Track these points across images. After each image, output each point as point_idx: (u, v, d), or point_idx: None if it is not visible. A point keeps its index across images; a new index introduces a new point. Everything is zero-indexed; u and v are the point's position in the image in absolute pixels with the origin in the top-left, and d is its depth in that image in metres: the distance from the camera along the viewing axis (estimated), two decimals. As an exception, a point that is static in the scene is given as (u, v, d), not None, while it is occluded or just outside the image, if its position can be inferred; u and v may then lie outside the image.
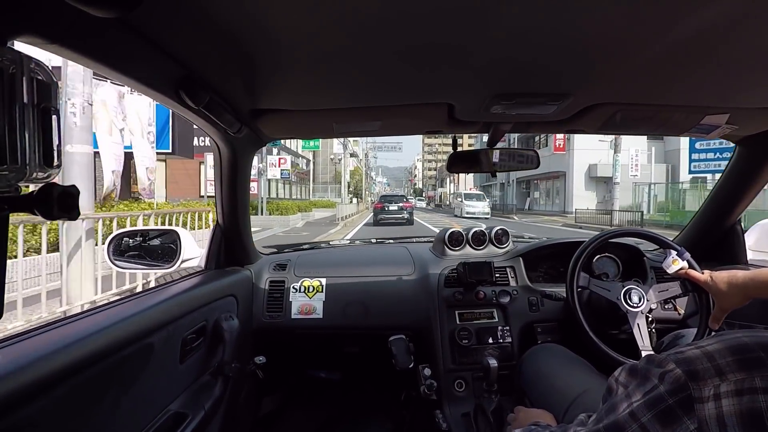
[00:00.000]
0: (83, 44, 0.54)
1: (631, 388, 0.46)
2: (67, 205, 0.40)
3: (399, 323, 1.49)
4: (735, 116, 1.06)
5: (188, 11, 0.57)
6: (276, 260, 1.63)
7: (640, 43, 0.68)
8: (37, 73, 0.40)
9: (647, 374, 0.45)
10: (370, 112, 1.09)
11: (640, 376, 0.46)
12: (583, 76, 0.84)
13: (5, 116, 0.36)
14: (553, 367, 1.13)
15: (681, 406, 0.40)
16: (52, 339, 0.66)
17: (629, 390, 0.46)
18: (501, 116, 1.08)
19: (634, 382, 0.46)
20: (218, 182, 1.26)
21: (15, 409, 0.54)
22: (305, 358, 1.86)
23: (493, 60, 0.76)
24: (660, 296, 1.23)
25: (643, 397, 0.44)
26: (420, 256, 1.66)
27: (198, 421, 0.97)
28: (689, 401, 0.40)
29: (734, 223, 1.45)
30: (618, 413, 0.46)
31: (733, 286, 0.98)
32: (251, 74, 0.82)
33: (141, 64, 0.67)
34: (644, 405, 0.43)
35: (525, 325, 1.46)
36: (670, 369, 0.43)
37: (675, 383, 0.41)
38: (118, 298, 0.94)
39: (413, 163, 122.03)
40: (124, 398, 0.77)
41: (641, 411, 0.43)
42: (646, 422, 0.42)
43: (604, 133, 1.32)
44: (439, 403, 1.36)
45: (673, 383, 0.42)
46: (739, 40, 0.66)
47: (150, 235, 1.42)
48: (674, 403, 0.41)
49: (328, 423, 1.79)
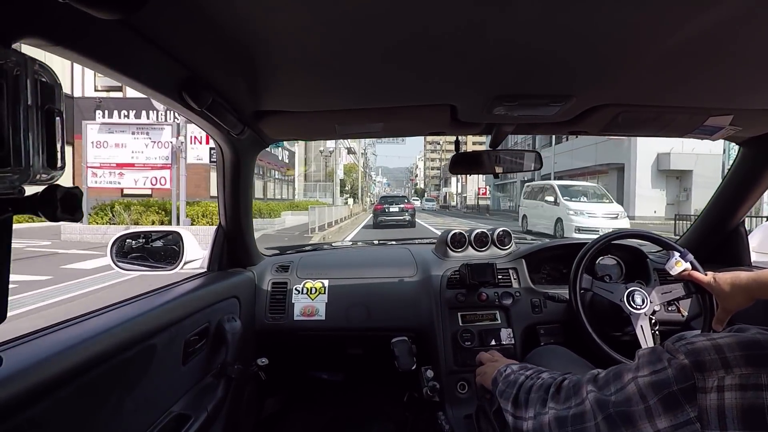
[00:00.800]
0: (87, 46, 0.55)
1: (641, 361, 0.50)
2: (70, 206, 0.41)
3: (401, 325, 1.49)
4: (739, 118, 1.06)
5: (191, 13, 0.57)
6: (278, 262, 1.63)
7: (644, 45, 0.68)
8: (41, 75, 0.40)
9: (660, 356, 0.48)
10: (372, 114, 1.09)
11: (655, 354, 0.49)
12: (586, 78, 0.84)
13: (9, 118, 0.37)
14: (556, 369, 1.12)
15: (684, 393, 0.43)
16: (56, 341, 0.67)
17: (639, 362, 0.50)
18: (503, 117, 1.08)
19: (646, 358, 0.50)
20: (221, 184, 1.27)
21: (19, 411, 0.54)
22: (308, 360, 1.85)
23: (495, 61, 0.76)
24: (663, 298, 1.22)
25: (650, 375, 0.47)
26: (422, 257, 1.66)
27: (200, 422, 0.97)
28: (692, 390, 0.42)
29: (738, 225, 1.44)
30: (623, 382, 0.50)
31: (737, 287, 0.98)
32: (254, 76, 0.82)
33: (144, 65, 0.68)
34: (650, 385, 0.46)
35: (528, 326, 1.45)
36: (679, 357, 0.45)
37: (681, 371, 0.44)
38: (121, 299, 0.94)
39: (414, 163, 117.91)
40: (127, 400, 0.78)
41: (649, 392, 0.46)
42: (652, 405, 0.45)
43: (607, 134, 1.31)
44: (441, 405, 1.36)
45: (680, 370, 0.44)
46: (743, 41, 0.66)
47: (153, 236, 1.43)
48: (678, 390, 0.43)
49: (331, 424, 1.79)
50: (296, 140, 1.72)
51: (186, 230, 1.37)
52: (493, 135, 1.26)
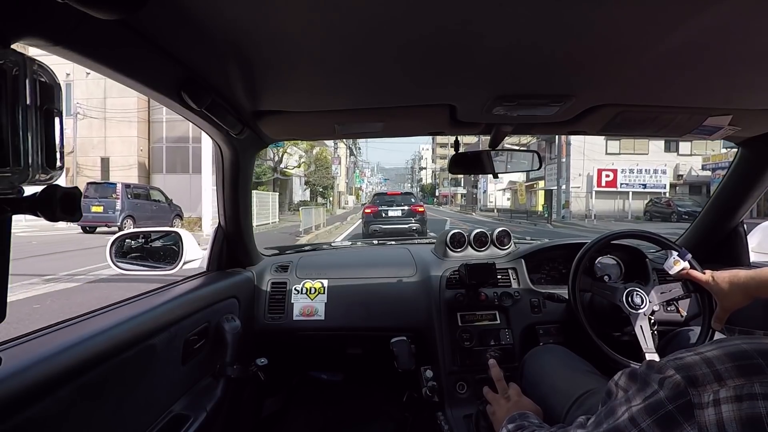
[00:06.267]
0: (86, 46, 0.55)
1: (631, 392, 0.47)
2: (70, 206, 0.41)
3: (401, 325, 1.49)
4: (738, 118, 1.06)
5: (191, 13, 0.57)
6: (278, 262, 1.63)
7: (643, 45, 0.68)
8: (40, 75, 0.40)
9: (647, 379, 0.45)
10: (372, 114, 1.09)
11: (640, 380, 0.46)
12: (586, 78, 0.84)
13: (8, 118, 0.37)
14: (555, 369, 1.12)
15: (681, 411, 0.41)
16: (56, 340, 0.67)
17: (629, 394, 0.47)
18: (503, 118, 1.08)
19: (634, 387, 0.47)
20: (220, 184, 1.26)
21: (18, 411, 0.54)
22: (307, 360, 1.85)
23: (494, 62, 0.76)
24: (662, 297, 1.22)
25: (643, 402, 0.44)
26: (422, 257, 1.66)
27: (200, 423, 0.97)
28: (689, 407, 0.40)
29: (737, 225, 1.44)
30: (617, 417, 0.46)
31: (735, 285, 0.98)
32: (253, 76, 0.82)
33: (144, 65, 0.68)
34: (644, 410, 0.43)
35: (527, 326, 1.45)
36: (669, 375, 0.43)
37: (675, 389, 0.42)
38: (121, 300, 0.94)
39: (418, 153, 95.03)
40: (126, 400, 0.77)
41: (641, 416, 0.43)
42: (645, 427, 0.42)
43: (606, 134, 1.31)
44: (440, 405, 1.36)
45: (673, 389, 0.42)
46: (743, 42, 0.66)
47: (152, 236, 1.43)
48: (674, 409, 0.41)
49: (330, 424, 1.79)
50: (296, 140, 1.71)
51: (185, 230, 1.37)
52: (492, 135, 1.26)
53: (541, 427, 0.77)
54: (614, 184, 23.29)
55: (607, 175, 23.30)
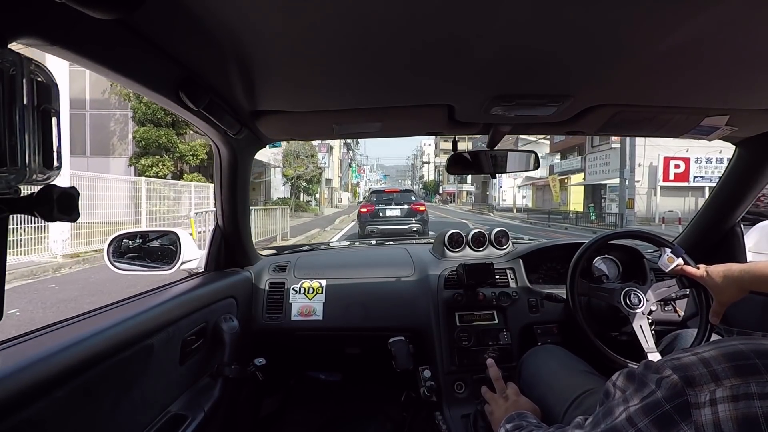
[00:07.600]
0: (84, 46, 0.54)
1: (628, 392, 0.47)
2: (67, 206, 0.40)
3: (399, 325, 1.49)
4: (735, 118, 1.06)
5: (188, 12, 0.57)
6: (276, 262, 1.62)
7: (641, 45, 0.68)
8: (37, 75, 0.40)
9: (644, 380, 0.46)
10: (370, 114, 1.09)
11: (638, 381, 0.47)
12: (583, 78, 0.84)
13: (5, 118, 0.36)
14: (553, 368, 1.12)
15: (678, 411, 0.41)
16: (53, 341, 0.67)
17: (626, 395, 0.47)
18: (501, 117, 1.08)
19: (632, 387, 0.47)
20: (218, 184, 1.26)
21: (15, 411, 0.54)
22: (305, 360, 1.85)
23: (492, 62, 0.76)
24: (659, 296, 1.22)
25: (641, 402, 0.44)
26: (420, 257, 1.66)
27: (198, 422, 0.97)
28: (686, 407, 0.41)
29: (734, 225, 1.45)
30: (615, 417, 0.47)
31: (729, 279, 0.98)
32: (251, 75, 0.82)
33: (141, 65, 0.67)
34: (641, 410, 0.44)
35: (525, 326, 1.45)
36: (666, 375, 0.43)
37: (672, 389, 0.42)
38: (118, 300, 0.94)
39: (419, 148, 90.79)
40: (124, 399, 0.77)
41: (638, 416, 0.44)
42: (643, 427, 0.43)
43: (604, 134, 1.32)
44: (438, 405, 1.36)
45: (670, 389, 0.42)
46: (740, 42, 0.66)
47: (150, 236, 1.42)
48: (671, 409, 0.42)
49: (328, 424, 1.78)
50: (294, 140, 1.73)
51: (183, 230, 1.37)
52: (490, 135, 1.26)
53: (539, 427, 0.77)
54: (686, 177, 17.68)
55: (677, 165, 17.67)
